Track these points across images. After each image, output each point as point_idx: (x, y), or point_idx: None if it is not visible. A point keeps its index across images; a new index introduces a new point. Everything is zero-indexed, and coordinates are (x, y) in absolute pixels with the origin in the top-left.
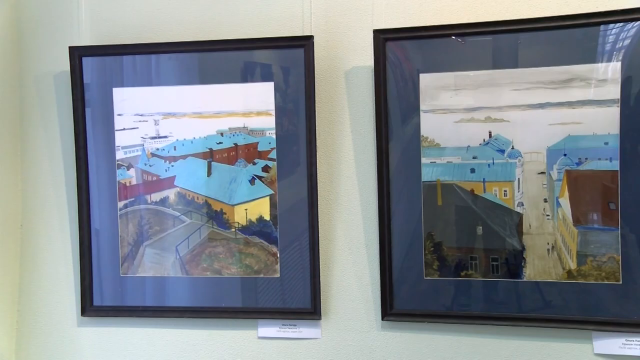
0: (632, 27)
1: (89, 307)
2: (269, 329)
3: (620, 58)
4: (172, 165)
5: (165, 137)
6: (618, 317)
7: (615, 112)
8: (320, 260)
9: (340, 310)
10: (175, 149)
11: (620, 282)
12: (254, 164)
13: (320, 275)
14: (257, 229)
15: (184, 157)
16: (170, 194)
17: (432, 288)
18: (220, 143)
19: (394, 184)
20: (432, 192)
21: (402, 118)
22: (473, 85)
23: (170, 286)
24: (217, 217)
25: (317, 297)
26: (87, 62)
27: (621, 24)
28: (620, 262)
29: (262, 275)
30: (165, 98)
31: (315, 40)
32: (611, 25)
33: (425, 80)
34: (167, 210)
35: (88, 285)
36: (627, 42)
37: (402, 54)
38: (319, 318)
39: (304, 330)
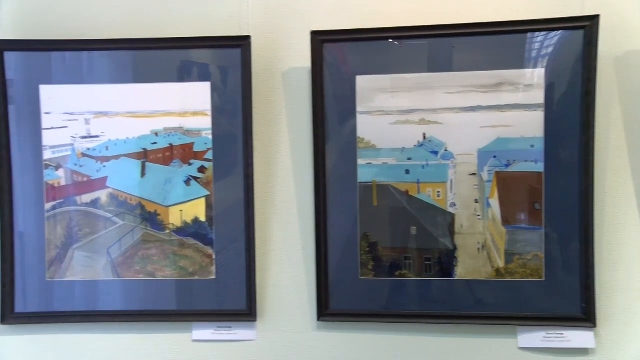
0: (555, 36)
1: (10, 315)
2: (204, 332)
3: (545, 65)
4: (104, 166)
5: (97, 136)
6: (541, 312)
7: (540, 116)
8: (256, 261)
9: (276, 311)
10: (107, 149)
11: (544, 279)
12: (190, 164)
13: (257, 276)
14: (193, 231)
15: (117, 157)
16: (102, 195)
17: (367, 288)
18: (155, 143)
19: (331, 185)
20: (368, 193)
21: (339, 119)
22: (409, 87)
23: (101, 290)
24: (151, 218)
25: (252, 299)
26: (10, 56)
27: (545, 32)
28: (543, 260)
29: (197, 278)
30: (97, 97)
31: (253, 40)
32: (537, 34)
33: (362, 82)
34: (98, 212)
35: (9, 292)
36: (550, 49)
37: (340, 55)
38: (255, 320)
39: (239, 332)
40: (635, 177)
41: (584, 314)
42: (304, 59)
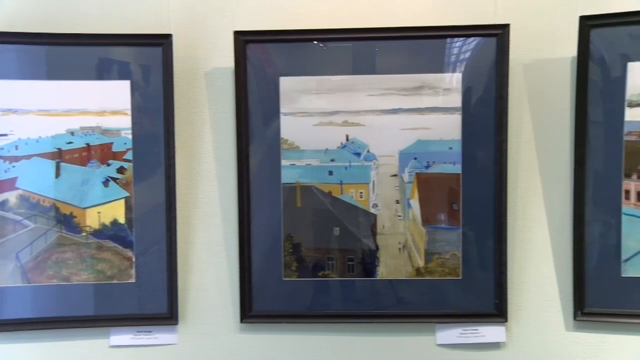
0: (472, 42)
1: None
2: (122, 337)
3: (462, 70)
4: (14, 166)
5: (5, 135)
6: (458, 309)
7: (458, 119)
8: (178, 263)
9: (199, 314)
10: (17, 148)
11: (461, 277)
12: (108, 165)
13: (178, 278)
14: (111, 233)
15: (28, 157)
16: (11, 196)
17: (291, 289)
18: (71, 143)
19: (254, 186)
20: (292, 194)
21: (263, 120)
22: (332, 89)
23: (8, 297)
24: (66, 221)
25: (174, 302)
26: None
27: (462, 38)
28: (461, 259)
29: (116, 281)
30: (5, 93)
31: (175, 39)
32: (455, 39)
33: (286, 83)
34: (6, 214)
35: None
36: (467, 55)
37: (264, 56)
38: (176, 323)
39: (159, 336)
40: (543, 178)
41: (496, 310)
42: (227, 59)
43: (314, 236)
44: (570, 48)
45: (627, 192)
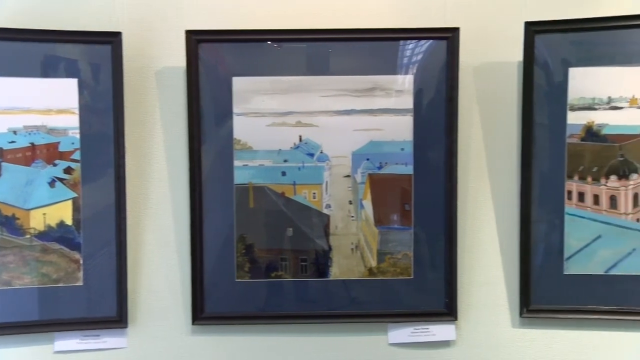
0: (424, 44)
1: None
2: (68, 342)
3: (414, 72)
4: None
5: None
6: (409, 308)
7: (409, 120)
8: (128, 265)
9: (149, 316)
10: None
11: (412, 277)
12: (55, 165)
13: (128, 281)
14: (58, 235)
15: None
16: None
17: (244, 290)
18: (13, 142)
19: (207, 186)
20: (245, 194)
21: (216, 121)
22: (285, 90)
23: None
24: (7, 222)
25: (123, 304)
26: None
27: (414, 41)
28: (412, 259)
29: (62, 284)
30: None
31: (125, 37)
32: (407, 42)
33: (239, 83)
34: None
35: None
36: (419, 57)
37: (217, 56)
38: (125, 326)
39: (108, 340)
40: (492, 179)
41: (447, 309)
42: (178, 58)
43: (266, 237)
44: (517, 52)
45: (570, 192)
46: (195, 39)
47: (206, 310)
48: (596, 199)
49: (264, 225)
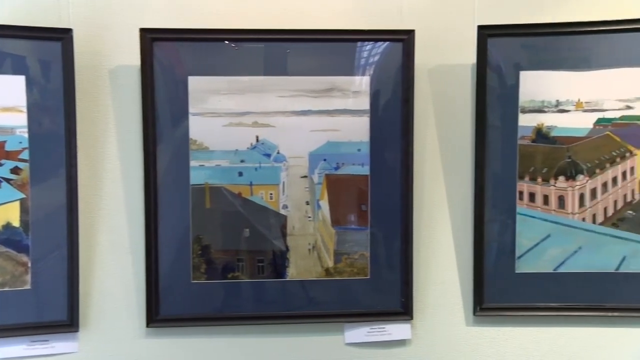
0: (381, 46)
1: None
2: (13, 348)
3: (371, 73)
4: None
5: None
6: (366, 308)
7: (366, 121)
8: (80, 268)
9: (102, 320)
10: None
11: (369, 277)
12: (1, 165)
13: (80, 284)
14: (4, 237)
15: None
16: None
17: (200, 291)
18: None
19: (162, 187)
20: (201, 195)
21: (171, 120)
22: (242, 90)
23: None
24: None
25: (74, 308)
26: None
27: (371, 42)
28: (369, 259)
29: (8, 288)
30: None
31: (76, 34)
32: (365, 43)
33: (195, 83)
34: None
35: None
36: (376, 58)
37: (172, 55)
38: (76, 330)
39: (57, 345)
40: (447, 180)
41: (402, 308)
42: (132, 57)
43: (223, 238)
44: (470, 55)
45: (521, 193)
46: (150, 38)
47: (161, 312)
48: (546, 199)
49: (220, 226)
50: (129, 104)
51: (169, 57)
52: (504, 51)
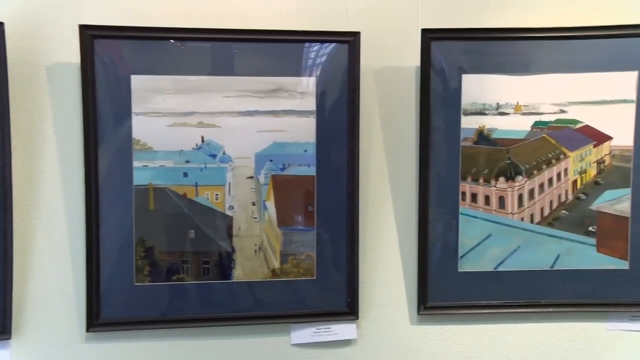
0: (327, 47)
1: None
2: None
3: (317, 74)
4: None
5: None
6: (312, 309)
7: (312, 122)
8: (14, 272)
9: (38, 326)
10: None
11: (315, 277)
12: None
13: (15, 289)
14: None
15: None
16: None
17: (143, 294)
18: None
19: (104, 188)
20: (144, 196)
21: (114, 120)
22: (187, 89)
23: None
24: None
25: (7, 314)
26: None
27: (318, 43)
28: (315, 259)
29: None
30: None
31: (9, 29)
32: (312, 44)
33: (138, 82)
34: None
35: None
36: (323, 59)
37: (115, 53)
38: (9, 337)
39: None
40: (392, 181)
41: (348, 308)
42: (72, 54)
43: (167, 239)
44: (415, 58)
45: (464, 193)
46: (90, 35)
47: (102, 316)
48: (487, 200)
49: (164, 228)
50: (69, 102)
51: (111, 55)
52: (447, 54)
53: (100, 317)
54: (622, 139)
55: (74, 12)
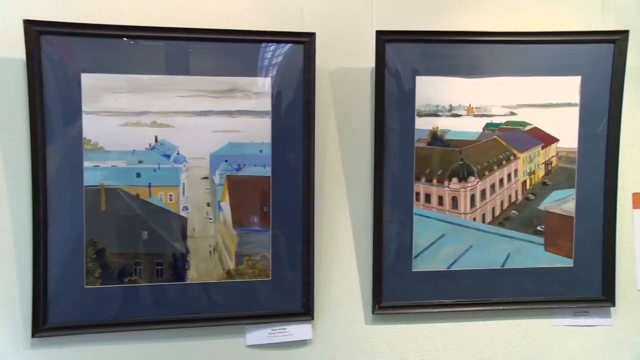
0: (283, 48)
1: None
2: None
3: (273, 74)
4: None
5: None
6: (267, 309)
7: (268, 122)
8: None
9: None
10: None
11: (270, 278)
12: None
13: None
14: None
15: None
16: None
17: (94, 297)
18: None
19: (53, 189)
20: (96, 197)
21: (63, 119)
22: (140, 88)
23: None
24: None
25: None
26: None
27: (274, 44)
28: (270, 260)
29: None
30: None
31: None
32: (268, 44)
33: (89, 80)
34: None
35: None
36: (279, 60)
37: (64, 50)
38: None
39: None
40: (347, 181)
41: (304, 309)
42: (17, 50)
43: (119, 241)
44: (370, 59)
45: (417, 194)
46: (37, 30)
47: (50, 320)
48: (440, 200)
49: (116, 229)
50: (15, 100)
51: (60, 52)
52: (401, 56)
53: (47, 322)
54: (568, 141)
55: (19, 6)
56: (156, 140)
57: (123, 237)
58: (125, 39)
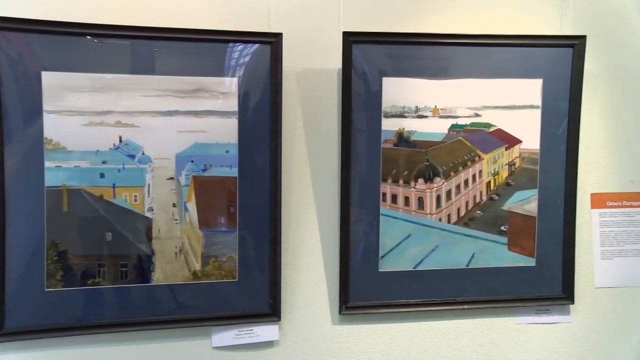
0: (250, 48)
1: None
2: None
3: (240, 74)
4: None
5: None
6: (234, 311)
7: (234, 123)
8: None
9: None
10: None
11: (237, 279)
12: None
13: None
14: None
15: None
16: None
17: (56, 300)
18: None
19: (11, 189)
20: (57, 198)
21: (23, 118)
22: (104, 88)
23: None
24: None
25: None
26: None
27: (241, 44)
28: (237, 261)
29: None
30: None
31: None
32: (235, 45)
33: (50, 79)
34: None
35: None
36: (246, 60)
37: (23, 47)
38: None
39: None
40: (314, 182)
41: (271, 310)
42: None
43: (82, 242)
44: (337, 60)
45: (384, 194)
46: None
47: (7, 325)
48: (407, 201)
49: (79, 230)
50: None
51: (19, 50)
52: (368, 57)
53: (4, 327)
54: (530, 142)
55: None
56: (120, 140)
57: (86, 239)
58: (89, 37)
